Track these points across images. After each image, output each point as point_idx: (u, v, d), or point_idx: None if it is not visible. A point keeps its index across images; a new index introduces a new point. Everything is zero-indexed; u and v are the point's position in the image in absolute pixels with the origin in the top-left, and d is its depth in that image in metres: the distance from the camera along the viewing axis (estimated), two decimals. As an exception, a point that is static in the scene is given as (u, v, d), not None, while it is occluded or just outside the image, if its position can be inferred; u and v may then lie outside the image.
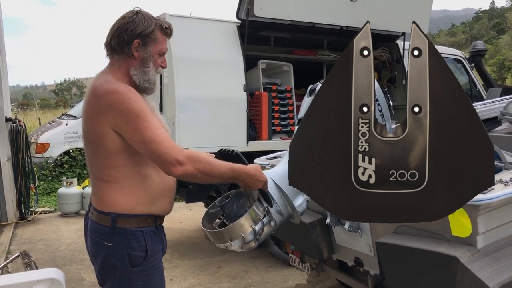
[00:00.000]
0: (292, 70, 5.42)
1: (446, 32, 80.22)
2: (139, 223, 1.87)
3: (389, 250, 2.02)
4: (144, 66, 1.92)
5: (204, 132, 4.66)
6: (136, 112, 1.76)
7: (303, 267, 3.11)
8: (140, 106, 1.78)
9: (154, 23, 1.92)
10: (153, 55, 1.93)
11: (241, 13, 4.84)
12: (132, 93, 1.81)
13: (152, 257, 1.91)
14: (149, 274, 1.90)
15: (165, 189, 1.94)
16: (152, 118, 1.80)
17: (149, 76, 1.93)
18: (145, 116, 1.77)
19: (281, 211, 1.89)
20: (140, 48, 1.90)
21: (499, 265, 1.77)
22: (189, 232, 6.21)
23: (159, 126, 1.80)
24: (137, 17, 1.91)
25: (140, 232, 1.87)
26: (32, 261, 2.62)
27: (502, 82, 31.34)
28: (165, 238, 2.08)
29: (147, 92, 1.96)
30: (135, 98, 1.79)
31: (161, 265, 1.99)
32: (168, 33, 1.98)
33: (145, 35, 1.90)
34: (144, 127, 1.75)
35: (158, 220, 1.97)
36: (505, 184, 1.85)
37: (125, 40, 1.89)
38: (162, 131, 1.79)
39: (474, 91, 6.96)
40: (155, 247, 1.93)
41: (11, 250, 5.49)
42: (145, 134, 1.75)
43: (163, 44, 1.97)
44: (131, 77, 1.91)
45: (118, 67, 1.93)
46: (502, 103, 4.19)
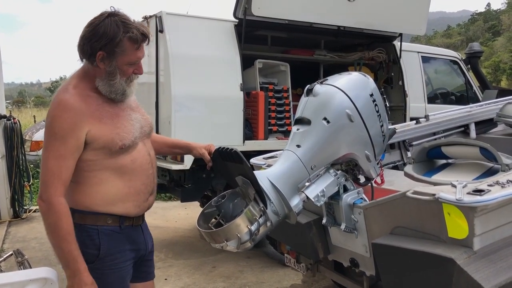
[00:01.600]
0: (289, 70, 5.41)
1: (442, 34, 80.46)
2: (95, 221, 1.87)
3: (385, 251, 2.02)
4: (110, 79, 1.84)
5: (200, 131, 4.64)
6: (52, 131, 1.77)
7: (299, 268, 3.10)
8: (62, 128, 1.75)
9: (121, 32, 1.77)
10: (120, 67, 1.83)
11: (238, 12, 4.82)
12: (65, 111, 1.76)
13: (107, 257, 1.89)
14: (103, 273, 1.87)
15: (128, 192, 1.92)
16: (63, 145, 1.76)
17: (115, 87, 1.86)
18: (56, 139, 1.76)
19: (277, 211, 1.87)
20: (105, 60, 1.81)
21: (496, 267, 1.77)
22: (184, 231, 6.19)
23: (62, 156, 1.76)
24: (104, 24, 1.78)
25: (94, 230, 1.87)
26: (25, 260, 2.59)
27: (497, 84, 31.49)
28: (144, 239, 2.06)
29: (116, 100, 1.91)
30: (64, 117, 1.76)
31: (123, 266, 1.95)
32: (140, 41, 1.83)
33: (110, 47, 1.78)
34: (48, 148, 1.77)
35: (125, 220, 1.94)
36: (502, 186, 1.84)
37: (88, 51, 1.81)
38: (57, 164, 1.75)
39: (470, 93, 6.98)
40: (114, 247, 1.91)
41: (4, 249, 5.46)
42: (45, 155, 1.77)
43: (134, 54, 1.84)
44: (97, 87, 1.86)
45: (86, 72, 1.88)
46: (498, 105, 4.21)
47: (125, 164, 1.89)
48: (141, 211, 2.02)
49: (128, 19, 1.83)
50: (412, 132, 3.71)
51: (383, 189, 2.63)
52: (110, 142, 1.83)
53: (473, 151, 2.66)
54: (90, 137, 1.80)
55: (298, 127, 2.02)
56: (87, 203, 1.86)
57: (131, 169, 1.91)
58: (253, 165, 2.86)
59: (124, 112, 1.94)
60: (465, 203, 1.69)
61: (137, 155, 1.94)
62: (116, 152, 1.86)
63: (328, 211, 2.25)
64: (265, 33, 5.61)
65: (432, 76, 6.91)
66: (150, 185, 2.01)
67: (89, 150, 1.82)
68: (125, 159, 1.89)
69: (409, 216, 1.97)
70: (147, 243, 2.10)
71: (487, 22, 74.50)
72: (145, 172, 1.97)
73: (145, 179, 1.98)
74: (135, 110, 2.01)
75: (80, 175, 1.84)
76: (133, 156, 1.92)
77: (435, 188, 1.87)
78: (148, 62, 5.02)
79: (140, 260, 2.08)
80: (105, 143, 1.82)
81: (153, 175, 2.03)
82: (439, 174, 2.77)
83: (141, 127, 1.99)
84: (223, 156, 2.01)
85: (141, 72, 1.93)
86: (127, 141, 1.88)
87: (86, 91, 1.85)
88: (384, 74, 6.26)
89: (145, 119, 2.04)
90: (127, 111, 1.96)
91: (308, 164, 1.95)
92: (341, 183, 2.11)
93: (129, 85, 1.91)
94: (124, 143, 1.87)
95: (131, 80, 1.91)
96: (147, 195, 2.01)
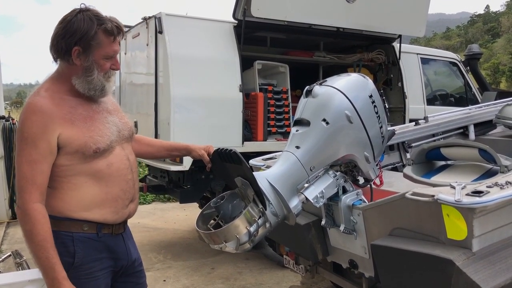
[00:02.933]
0: (288, 71, 5.42)
1: (441, 36, 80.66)
2: (68, 227, 1.81)
3: (384, 252, 2.01)
4: (87, 75, 1.79)
5: (199, 132, 4.64)
6: (22, 135, 1.73)
7: (298, 269, 3.10)
8: (31, 132, 1.71)
9: (96, 25, 1.75)
10: (98, 61, 1.79)
11: (237, 13, 4.82)
12: (35, 114, 1.72)
13: (83, 265, 1.82)
14: (78, 282, 1.79)
15: (106, 198, 1.85)
16: (34, 150, 1.71)
17: (94, 84, 1.81)
18: (27, 144, 1.71)
19: (276, 212, 1.87)
20: (81, 56, 1.77)
21: (494, 268, 1.77)
22: (183, 232, 6.19)
23: (35, 161, 1.71)
24: (76, 19, 1.75)
25: (68, 237, 1.80)
26: (24, 261, 2.59)
27: (496, 86, 31.54)
28: (126, 249, 1.98)
29: (95, 97, 1.87)
30: (33, 120, 1.71)
31: (99, 275, 1.87)
32: (115, 34, 1.80)
33: (85, 41, 1.74)
34: (20, 153, 1.73)
35: (103, 228, 1.87)
36: (500, 187, 1.84)
37: (63, 48, 1.76)
38: (30, 168, 1.71)
39: (470, 94, 6.99)
40: (90, 255, 1.84)
41: (3, 250, 5.45)
42: (18, 160, 1.74)
43: (110, 47, 1.80)
44: (74, 85, 1.81)
45: (61, 73, 1.84)
46: (497, 106, 4.21)
47: (101, 169, 1.83)
48: (120, 218, 1.92)
49: (100, 13, 1.81)
50: (411, 134, 3.71)
51: (382, 191, 2.63)
52: (83, 146, 1.77)
53: (472, 152, 2.66)
54: (62, 140, 1.74)
55: (297, 128, 2.02)
56: (61, 209, 1.80)
57: (107, 174, 1.84)
58: (252, 166, 2.86)
59: (99, 115, 1.88)
60: (464, 204, 1.69)
61: (114, 160, 1.87)
62: (91, 156, 1.79)
63: (327, 213, 2.25)
64: (264, 34, 5.61)
65: (431, 78, 6.92)
66: (130, 191, 1.94)
67: (63, 154, 1.76)
68: (101, 163, 1.83)
69: (408, 218, 1.97)
70: (130, 253, 2.00)
71: (487, 24, 74.71)
72: (123, 177, 1.90)
73: (124, 185, 1.90)
74: (112, 113, 1.95)
75: (54, 181, 1.79)
76: (109, 161, 1.85)
77: (434, 190, 1.87)
78: (147, 63, 5.03)
79: (125, 271, 2.00)
80: (78, 147, 1.77)
81: (132, 180, 1.95)
82: (438, 176, 2.77)
83: (119, 131, 1.92)
84: (222, 157, 2.00)
85: (118, 67, 1.89)
86: (101, 145, 1.81)
87: (59, 94, 1.80)
88: (383, 75, 6.27)
89: (123, 122, 1.98)
90: (103, 114, 1.90)
91: (307, 165, 1.95)
92: (340, 184, 2.11)
93: (108, 80, 1.86)
94: (98, 147, 1.80)
95: (109, 76, 1.87)
96: (127, 201, 1.93)
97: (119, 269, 1.97)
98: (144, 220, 6.62)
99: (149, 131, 4.82)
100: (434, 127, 3.86)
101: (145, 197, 8.16)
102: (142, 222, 6.46)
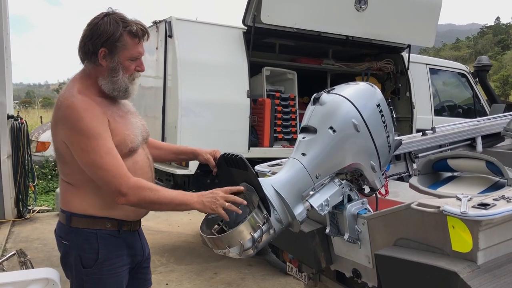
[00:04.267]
0: (296, 78, 5.43)
1: (450, 46, 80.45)
2: (93, 225, 1.85)
3: (388, 262, 2.00)
4: (112, 76, 1.85)
5: (206, 137, 4.65)
6: (86, 133, 1.73)
7: (300, 277, 3.09)
8: (92, 126, 1.74)
9: (121, 27, 1.81)
10: (123, 63, 1.85)
11: (247, 20, 4.85)
12: (86, 111, 1.75)
13: (106, 261, 1.87)
14: (101, 278, 1.86)
15: None
16: (105, 140, 1.75)
17: (119, 84, 1.86)
18: (96, 138, 1.73)
19: (281, 219, 1.87)
20: (107, 57, 1.82)
21: (499, 282, 1.75)
22: (186, 236, 6.18)
23: (110, 150, 1.75)
24: (103, 22, 1.81)
25: (92, 234, 1.85)
26: (28, 260, 2.60)
27: (505, 98, 31.36)
28: (141, 245, 2.05)
29: (119, 98, 1.92)
30: (88, 117, 1.74)
31: (120, 271, 1.93)
32: (140, 36, 1.86)
33: (111, 42, 1.80)
34: (93, 150, 1.73)
35: (124, 225, 1.93)
36: (507, 201, 1.83)
37: (90, 49, 1.82)
38: (111, 157, 1.75)
39: (478, 106, 6.96)
40: (112, 251, 1.89)
41: (7, 248, 5.48)
42: (93, 158, 1.73)
43: (135, 48, 1.86)
44: (100, 86, 1.86)
45: (88, 75, 1.88)
46: (506, 119, 4.19)
47: (128, 167, 1.86)
48: (140, 215, 2.01)
49: (125, 16, 1.86)
50: (418, 144, 3.70)
51: (387, 200, 2.62)
52: (123, 142, 1.84)
53: (479, 164, 2.64)
54: (110, 130, 1.80)
55: (304, 136, 2.02)
56: (85, 207, 1.85)
57: (132, 172, 1.87)
58: (257, 172, 2.86)
59: (128, 116, 1.96)
60: (470, 216, 1.68)
61: (138, 158, 1.95)
62: (124, 154, 1.85)
63: (332, 221, 2.24)
64: (273, 41, 5.64)
65: (439, 88, 6.90)
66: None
67: None
68: (128, 161, 1.88)
69: (413, 228, 1.96)
70: (144, 249, 2.09)
71: (497, 36, 74.43)
72: (145, 175, 1.96)
73: None
74: (134, 115, 2.03)
75: (79, 178, 1.83)
76: (135, 159, 1.93)
77: (440, 201, 1.86)
78: (156, 66, 5.06)
79: (137, 267, 2.06)
80: (118, 142, 1.82)
81: (151, 178, 2.03)
82: (444, 187, 2.75)
83: (141, 132, 2.00)
84: (228, 162, 2.01)
85: (143, 69, 1.93)
86: (135, 144, 1.90)
87: (91, 96, 1.84)
88: (391, 85, 6.26)
89: (142, 124, 2.06)
90: (129, 115, 1.98)
91: (313, 172, 1.94)
92: (345, 193, 2.11)
93: (132, 83, 1.91)
94: (133, 146, 1.89)
95: (134, 78, 1.91)
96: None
97: (134, 265, 2.03)
98: (148, 222, 6.62)
99: (156, 134, 4.84)
100: (441, 138, 3.84)
101: (150, 200, 8.16)
102: (146, 224, 6.41)
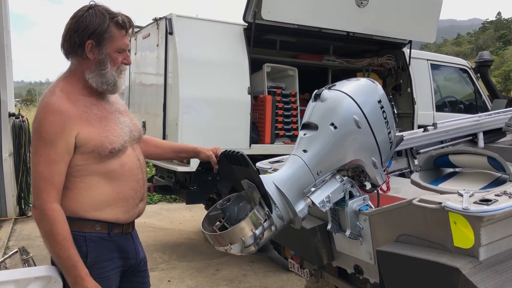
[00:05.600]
0: (297, 75, 5.42)
1: (452, 42, 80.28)
2: (82, 227, 1.82)
3: (390, 258, 2.00)
4: (101, 68, 1.81)
5: (207, 134, 4.65)
6: (40, 135, 1.72)
7: (302, 273, 3.09)
8: (50, 131, 1.71)
9: (108, 18, 1.78)
10: (111, 55, 1.82)
11: (248, 16, 4.84)
12: (53, 114, 1.72)
13: (95, 265, 1.83)
14: None
15: (117, 198, 1.87)
16: (53, 150, 1.71)
17: (107, 77, 1.83)
18: (46, 144, 1.71)
19: (282, 215, 1.87)
20: (94, 49, 1.79)
21: (501, 278, 1.75)
22: (188, 233, 6.20)
23: (53, 161, 1.72)
24: (88, 14, 1.77)
25: (81, 237, 1.81)
26: (30, 258, 2.59)
27: (507, 93, 31.29)
28: (135, 248, 2.01)
29: (108, 92, 1.90)
30: (51, 120, 1.71)
31: (111, 275, 1.89)
32: (127, 27, 1.83)
33: (99, 34, 1.77)
34: (38, 154, 1.73)
35: (114, 227, 1.89)
36: (509, 196, 1.82)
37: (77, 42, 1.78)
38: (49, 169, 1.72)
39: (479, 102, 6.94)
40: (102, 255, 1.85)
41: (10, 246, 5.50)
42: (36, 161, 1.74)
43: (121, 40, 1.83)
44: (87, 81, 1.83)
45: (73, 71, 1.85)
46: (507, 114, 4.18)
47: (114, 169, 1.84)
48: (131, 218, 1.95)
49: (110, 8, 1.84)
50: (420, 140, 3.69)
51: (389, 196, 2.62)
52: (100, 146, 1.79)
53: (481, 160, 2.63)
54: (79, 140, 1.75)
55: (305, 132, 2.02)
56: (74, 209, 1.81)
57: (120, 174, 1.86)
58: (259, 169, 2.86)
59: (113, 115, 1.90)
60: (471, 212, 1.68)
61: (126, 160, 1.90)
62: (106, 156, 1.81)
63: (333, 217, 2.24)
64: (274, 37, 5.62)
65: (441, 84, 6.88)
66: (140, 191, 1.96)
67: (78, 154, 1.78)
68: (114, 163, 1.84)
69: (415, 224, 1.96)
70: (138, 252, 2.03)
71: (498, 31, 74.21)
72: (134, 177, 1.92)
73: (135, 185, 1.93)
74: (124, 113, 1.97)
75: (68, 181, 1.79)
76: (122, 161, 1.88)
77: (442, 197, 1.86)
78: (157, 63, 5.05)
79: (132, 270, 2.02)
80: (94, 146, 1.78)
81: (142, 180, 1.98)
82: (446, 183, 2.75)
83: (130, 131, 1.94)
84: (229, 159, 2.01)
85: (130, 61, 1.91)
86: (116, 145, 1.83)
87: (74, 94, 1.81)
88: (392, 81, 6.25)
89: (134, 123, 2.00)
90: (115, 114, 1.92)
91: (314, 169, 1.94)
92: (347, 189, 2.10)
93: (120, 76, 1.88)
94: (113, 147, 1.82)
95: (121, 71, 1.89)
96: (137, 200, 1.95)
97: (127, 268, 1.99)
98: (150, 220, 6.63)
99: (157, 132, 4.84)
100: (442, 133, 3.83)
101: (152, 197, 8.19)
102: (148, 222, 6.47)
